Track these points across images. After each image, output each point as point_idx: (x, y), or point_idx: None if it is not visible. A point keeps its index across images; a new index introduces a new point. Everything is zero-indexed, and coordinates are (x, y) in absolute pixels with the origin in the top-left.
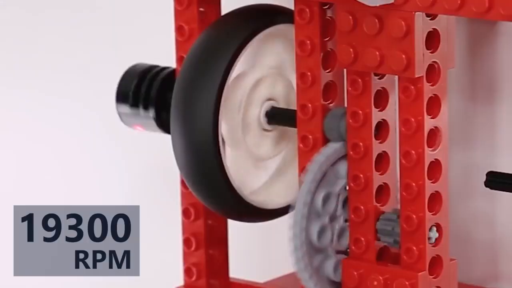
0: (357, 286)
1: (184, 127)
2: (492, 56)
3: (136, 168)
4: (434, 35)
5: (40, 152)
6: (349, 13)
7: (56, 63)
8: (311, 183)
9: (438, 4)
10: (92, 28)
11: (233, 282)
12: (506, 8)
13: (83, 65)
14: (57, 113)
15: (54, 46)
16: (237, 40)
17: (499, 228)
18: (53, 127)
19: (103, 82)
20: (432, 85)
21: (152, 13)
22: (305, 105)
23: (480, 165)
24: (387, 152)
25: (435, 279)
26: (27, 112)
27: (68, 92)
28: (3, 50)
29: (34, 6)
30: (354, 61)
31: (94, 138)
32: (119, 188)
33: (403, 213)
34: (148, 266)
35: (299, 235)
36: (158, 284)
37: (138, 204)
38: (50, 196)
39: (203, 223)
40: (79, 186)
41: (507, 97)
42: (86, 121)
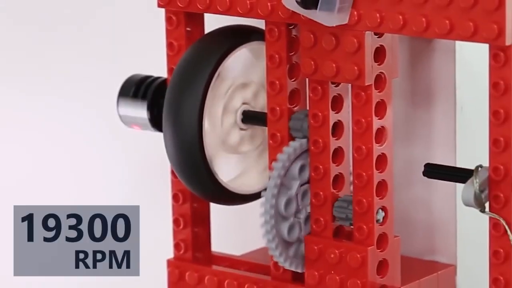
0: (317, 258)
1: (173, 127)
2: (429, 68)
3: (136, 168)
4: (381, 50)
5: (40, 152)
6: (311, 32)
7: (63, 71)
8: (277, 178)
9: (384, 24)
10: (98, 43)
11: (214, 255)
12: (440, 28)
13: (88, 73)
14: (57, 114)
15: (64, 58)
16: (217, 54)
17: (435, 210)
18: (54, 127)
19: (104, 89)
20: (379, 91)
21: (147, 32)
22: (274, 108)
23: (419, 158)
24: (342, 147)
25: (381, 252)
26: (28, 113)
27: (69, 95)
28: (15, 57)
29: (48, 26)
30: (314, 71)
31: (94, 139)
32: (119, 188)
33: (355, 198)
34: (148, 266)
35: (269, 210)
36: (158, 284)
37: (138, 204)
38: (50, 196)
39: (189, 206)
40: (79, 186)
41: (441, 102)
42: (86, 122)
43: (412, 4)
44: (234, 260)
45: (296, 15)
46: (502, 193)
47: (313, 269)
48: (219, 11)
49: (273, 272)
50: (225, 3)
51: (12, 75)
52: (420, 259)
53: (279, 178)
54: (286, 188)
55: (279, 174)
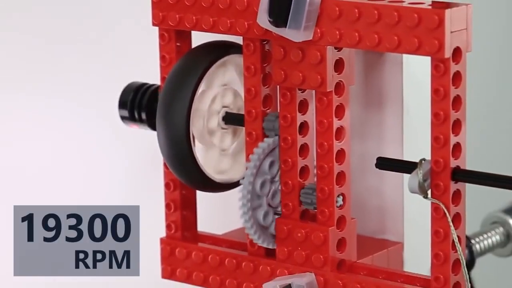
0: (286, 237)
1: (165, 126)
2: (380, 77)
3: (136, 168)
4: (340, 62)
5: (40, 152)
6: (281, 46)
7: (64, 73)
8: (253, 168)
9: (343, 40)
10: (103, 55)
11: (200, 234)
12: (390, 43)
13: (90, 78)
14: (57, 115)
15: (67, 63)
16: (202, 65)
17: (385, 197)
18: (54, 128)
19: (105, 92)
20: (339, 97)
21: (144, 46)
22: (250, 111)
23: (372, 153)
24: (307, 143)
25: (340, 232)
26: (27, 113)
27: (69, 96)
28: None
29: (58, 38)
30: (284, 80)
31: (94, 139)
32: (119, 188)
33: (318, 186)
34: (148, 266)
35: (246, 195)
36: (158, 284)
37: (138, 204)
38: (50, 196)
39: (179, 193)
40: (79, 186)
41: (391, 105)
42: (86, 123)
43: (366, 23)
44: (217, 238)
45: (269, 32)
46: (442, 182)
47: (283, 246)
48: (204, 29)
49: (249, 249)
50: (208, 22)
51: (12, 77)
52: (372, 237)
53: (255, 168)
54: (261, 174)
55: (255, 165)
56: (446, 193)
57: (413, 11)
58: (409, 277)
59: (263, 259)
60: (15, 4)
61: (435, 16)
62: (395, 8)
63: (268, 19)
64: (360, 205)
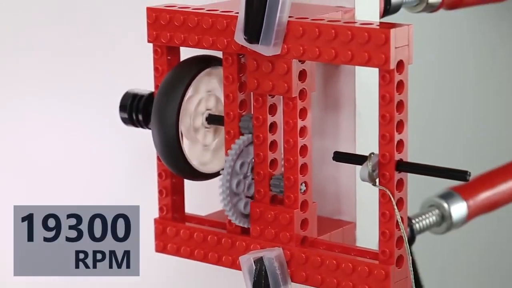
0: (259, 217)
1: (158, 126)
2: (337, 85)
3: (136, 168)
4: (303, 73)
5: (40, 152)
6: (254, 60)
7: (65, 75)
8: (231, 161)
9: (306, 54)
10: (106, 67)
11: (187, 215)
12: (344, 57)
13: (92, 82)
14: (58, 114)
15: (70, 67)
16: (189, 75)
17: (341, 184)
18: (54, 128)
19: (106, 95)
20: (302, 101)
21: (141, 59)
22: (229, 113)
23: (330, 148)
24: (276, 140)
25: (304, 213)
26: (27, 114)
27: (70, 96)
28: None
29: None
30: (257, 87)
31: (94, 139)
32: (119, 188)
33: (285, 176)
34: (148, 266)
35: (225, 183)
36: (158, 284)
37: (138, 204)
38: (50, 196)
39: (170, 181)
40: (79, 186)
41: (345, 109)
42: (87, 123)
43: (325, 41)
44: (201, 218)
45: (244, 48)
46: (388, 172)
47: (256, 225)
48: (190, 45)
49: (228, 227)
50: (194, 40)
51: (13, 78)
52: (330, 218)
53: (232, 161)
54: (235, 176)
55: (232, 158)
56: (391, 181)
57: (364, 30)
58: (360, 251)
59: (239, 236)
60: (31, 21)
61: (382, 34)
62: (349, 28)
63: (243, 37)
64: (320, 191)
